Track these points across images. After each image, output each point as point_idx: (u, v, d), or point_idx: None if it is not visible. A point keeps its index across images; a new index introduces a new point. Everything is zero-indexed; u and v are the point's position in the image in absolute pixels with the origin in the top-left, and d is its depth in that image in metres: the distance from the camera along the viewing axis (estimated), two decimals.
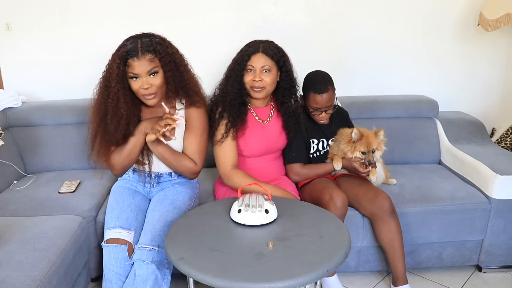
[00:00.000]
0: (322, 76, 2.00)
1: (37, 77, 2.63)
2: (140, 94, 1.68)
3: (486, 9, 2.53)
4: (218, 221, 1.55)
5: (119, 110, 1.67)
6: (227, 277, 1.23)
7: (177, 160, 1.79)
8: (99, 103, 1.70)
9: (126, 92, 1.66)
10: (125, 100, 1.67)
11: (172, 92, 1.72)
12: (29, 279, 1.41)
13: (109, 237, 1.67)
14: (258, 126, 1.97)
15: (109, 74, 1.65)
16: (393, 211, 1.91)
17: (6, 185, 2.16)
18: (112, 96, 1.65)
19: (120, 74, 1.63)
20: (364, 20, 2.68)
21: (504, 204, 2.07)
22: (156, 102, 1.70)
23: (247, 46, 1.89)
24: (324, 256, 1.33)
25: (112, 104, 1.66)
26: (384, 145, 2.02)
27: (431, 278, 2.16)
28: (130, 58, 1.62)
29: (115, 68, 1.62)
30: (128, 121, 1.70)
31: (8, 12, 2.50)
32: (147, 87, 1.64)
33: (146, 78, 1.64)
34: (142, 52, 1.62)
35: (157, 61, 1.66)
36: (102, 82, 1.69)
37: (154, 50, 1.65)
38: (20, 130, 2.37)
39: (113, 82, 1.63)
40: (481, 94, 2.87)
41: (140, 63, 1.62)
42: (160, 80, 1.67)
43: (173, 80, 1.70)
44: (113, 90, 1.64)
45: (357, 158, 1.97)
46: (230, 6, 2.60)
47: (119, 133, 1.70)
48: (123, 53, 1.62)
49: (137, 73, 1.63)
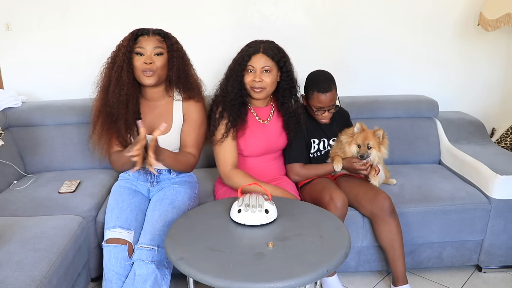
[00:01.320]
0: (325, 76, 2.00)
1: (37, 77, 2.62)
2: (140, 70, 1.72)
3: (486, 9, 2.53)
4: (218, 221, 1.55)
5: (121, 79, 1.71)
6: (227, 277, 1.23)
7: (180, 162, 1.80)
8: (104, 77, 1.77)
9: (130, 67, 1.72)
10: (128, 73, 1.72)
11: (174, 77, 1.77)
12: (29, 279, 1.41)
13: (109, 237, 1.68)
14: (258, 126, 1.97)
15: (118, 49, 1.75)
16: (393, 211, 1.91)
17: (6, 185, 2.16)
18: (117, 67, 1.71)
19: (128, 48, 1.71)
20: (364, 20, 2.68)
21: (504, 204, 2.07)
22: (152, 82, 1.74)
23: (248, 46, 1.89)
24: (324, 256, 1.33)
25: (115, 74, 1.72)
26: (385, 149, 2.01)
27: (431, 278, 2.16)
28: (141, 36, 1.74)
29: (125, 43, 1.72)
30: (128, 98, 1.73)
31: (8, 12, 2.50)
32: (149, 62, 1.70)
33: (150, 54, 1.72)
34: (153, 32, 1.75)
35: (164, 45, 1.75)
36: (110, 60, 1.77)
37: (165, 35, 1.77)
38: (20, 130, 2.37)
39: (120, 54, 1.71)
40: (481, 94, 2.87)
41: (149, 40, 1.73)
42: (163, 61, 1.74)
43: (176, 66, 1.76)
44: (118, 60, 1.71)
45: (355, 158, 1.97)
46: (230, 6, 2.60)
47: (120, 107, 1.72)
48: (136, 31, 1.75)
49: (144, 47, 1.71)
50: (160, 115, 1.83)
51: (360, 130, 2.00)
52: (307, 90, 2.02)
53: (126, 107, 1.74)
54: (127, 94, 1.73)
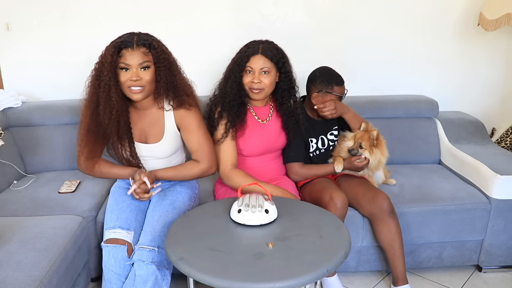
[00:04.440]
0: (332, 69, 2.07)
1: (37, 77, 2.62)
2: (126, 86, 1.63)
3: (486, 9, 2.52)
4: (218, 221, 1.55)
5: (111, 99, 1.62)
6: (227, 277, 1.23)
7: (182, 174, 1.81)
8: (90, 95, 1.67)
9: (117, 83, 1.63)
10: (116, 90, 1.63)
11: (163, 89, 1.69)
12: (29, 279, 1.41)
13: (109, 237, 1.67)
14: (257, 125, 1.97)
15: (101, 64, 1.63)
16: (392, 211, 1.91)
17: (6, 185, 2.16)
18: (104, 85, 1.61)
19: (113, 64, 1.60)
20: (364, 20, 2.68)
21: (504, 204, 2.07)
22: (141, 98, 1.67)
23: (247, 47, 1.88)
24: (324, 256, 1.33)
25: (103, 94, 1.62)
26: (382, 152, 2.01)
27: (431, 278, 2.16)
28: (124, 49, 1.61)
29: (108, 57, 1.60)
30: (119, 115, 1.67)
31: (8, 12, 2.50)
32: (136, 79, 1.61)
33: (136, 70, 1.62)
34: (137, 44, 1.62)
35: (150, 56, 1.64)
36: (94, 73, 1.66)
37: (149, 44, 1.64)
38: (20, 130, 2.37)
39: (105, 71, 1.60)
40: (481, 94, 2.87)
41: (134, 54, 1.61)
42: (151, 75, 1.65)
43: (164, 78, 1.67)
44: (104, 79, 1.61)
45: (353, 157, 1.98)
46: (230, 6, 2.60)
47: (112, 125, 1.66)
48: (118, 43, 1.62)
49: (128, 64, 1.61)
50: (151, 123, 1.78)
51: (364, 129, 2.01)
52: (321, 86, 2.00)
53: (118, 123, 1.68)
54: (117, 111, 1.65)
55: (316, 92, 2.02)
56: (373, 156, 1.99)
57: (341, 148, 2.06)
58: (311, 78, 2.06)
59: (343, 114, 2.02)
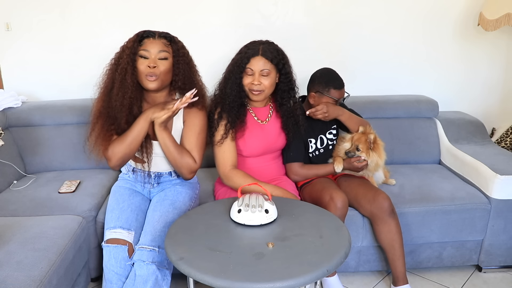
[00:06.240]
0: (334, 72, 2.06)
1: (37, 77, 2.63)
2: (143, 74, 1.67)
3: (486, 9, 2.53)
4: (218, 221, 1.55)
5: (125, 82, 1.66)
6: (227, 277, 1.23)
7: (179, 153, 1.74)
8: (107, 80, 1.72)
9: (134, 69, 1.68)
10: (132, 76, 1.67)
11: (180, 83, 1.73)
12: (29, 279, 1.41)
13: (109, 237, 1.67)
14: (257, 126, 1.97)
15: (122, 50, 1.70)
16: (393, 211, 1.91)
17: (6, 185, 2.16)
18: (121, 69, 1.67)
19: (133, 50, 1.67)
20: (364, 20, 2.68)
21: (504, 204, 2.07)
22: (155, 86, 1.69)
23: (246, 47, 1.87)
24: (324, 256, 1.33)
25: (119, 77, 1.67)
26: (379, 155, 2.01)
27: (431, 278, 2.16)
28: (146, 38, 1.69)
29: (129, 44, 1.68)
30: (131, 101, 1.69)
31: (7, 12, 2.50)
32: (153, 65, 1.65)
33: (154, 57, 1.67)
34: (159, 35, 1.70)
35: (170, 49, 1.71)
36: (114, 59, 1.72)
37: (171, 39, 1.72)
38: (20, 130, 2.37)
39: (125, 55, 1.67)
40: (481, 94, 2.87)
41: (154, 43, 1.68)
42: (167, 66, 1.69)
43: (183, 71, 1.72)
44: (122, 62, 1.66)
45: (352, 159, 1.98)
46: (230, 6, 2.60)
47: (123, 111, 1.68)
48: (141, 32, 1.70)
49: (148, 50, 1.67)
50: None
51: (362, 131, 2.01)
52: (320, 88, 2.01)
53: (129, 111, 1.69)
54: (131, 97, 1.67)
55: (313, 92, 2.02)
56: (370, 158, 1.99)
57: (340, 149, 2.06)
58: (312, 78, 2.06)
59: (338, 116, 2.02)
